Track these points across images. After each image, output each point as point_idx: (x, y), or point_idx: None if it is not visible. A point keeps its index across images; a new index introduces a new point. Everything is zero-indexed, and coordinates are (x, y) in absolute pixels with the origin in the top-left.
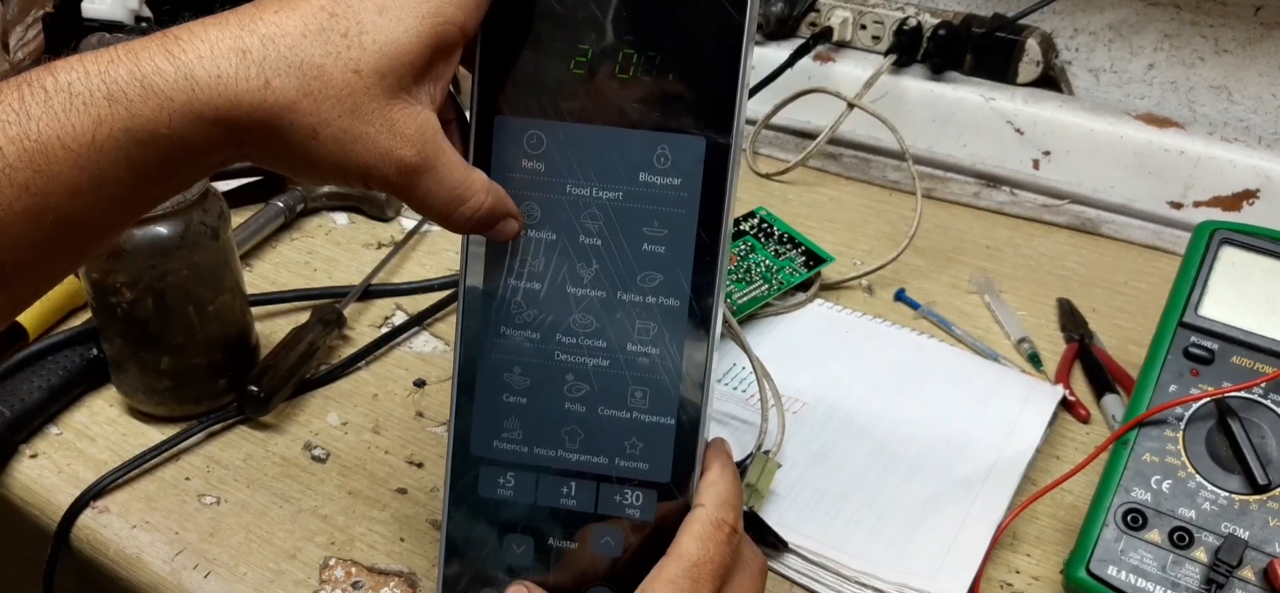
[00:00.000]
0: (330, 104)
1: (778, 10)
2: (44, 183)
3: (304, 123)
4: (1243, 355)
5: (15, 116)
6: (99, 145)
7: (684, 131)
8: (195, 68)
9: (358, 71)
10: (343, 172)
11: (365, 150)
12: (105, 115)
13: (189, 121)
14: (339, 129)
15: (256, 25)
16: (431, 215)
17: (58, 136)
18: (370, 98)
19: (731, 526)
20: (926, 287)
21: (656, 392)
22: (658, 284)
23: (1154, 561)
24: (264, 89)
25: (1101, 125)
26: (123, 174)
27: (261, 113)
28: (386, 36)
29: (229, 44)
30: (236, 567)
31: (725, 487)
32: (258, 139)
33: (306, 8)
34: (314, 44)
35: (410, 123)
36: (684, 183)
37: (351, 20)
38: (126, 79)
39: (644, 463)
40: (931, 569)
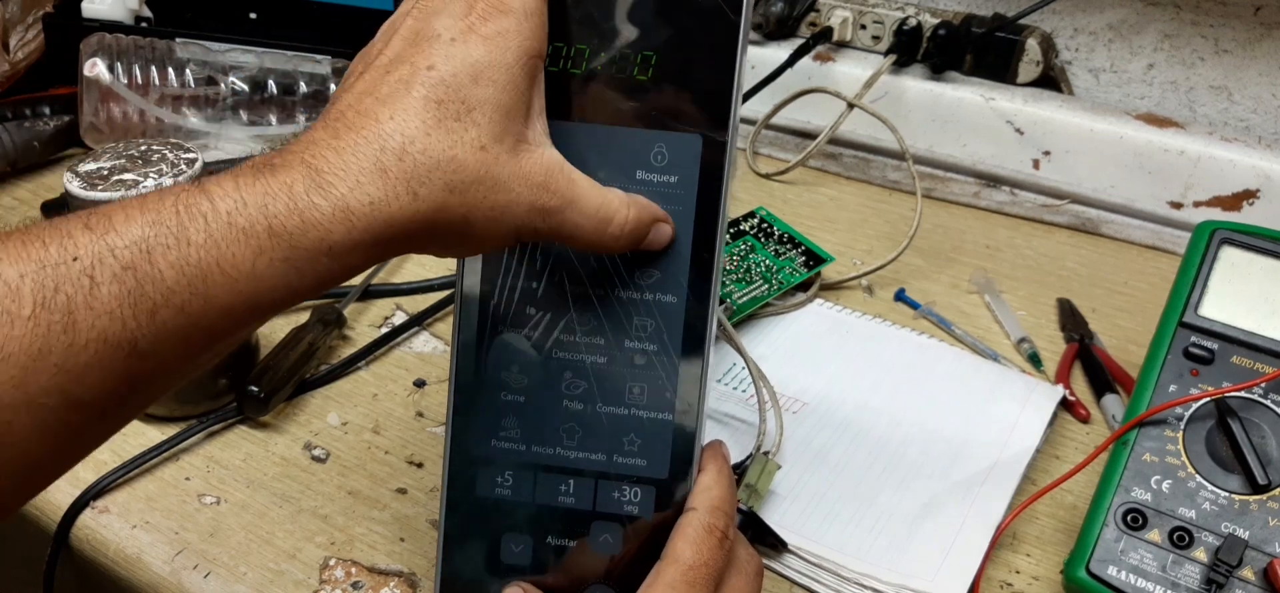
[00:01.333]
0: (473, 190)
1: (778, 10)
2: (200, 305)
3: (455, 216)
4: (1243, 355)
5: (174, 240)
6: (258, 274)
7: (680, 130)
8: (349, 199)
9: (484, 148)
10: (500, 241)
11: (514, 216)
12: (266, 247)
13: (347, 249)
14: (486, 209)
15: (384, 141)
16: (583, 245)
17: (217, 263)
18: (502, 166)
19: (722, 530)
20: (926, 287)
21: (654, 388)
22: (655, 281)
23: (1154, 560)
24: (414, 201)
25: (1101, 125)
26: (278, 296)
27: (416, 223)
28: (492, 102)
29: (369, 166)
30: (236, 567)
31: (719, 491)
32: (416, 244)
33: (411, 102)
34: (440, 139)
35: (540, 170)
36: (680, 181)
37: (457, 102)
38: (285, 213)
39: (642, 459)
40: (931, 570)
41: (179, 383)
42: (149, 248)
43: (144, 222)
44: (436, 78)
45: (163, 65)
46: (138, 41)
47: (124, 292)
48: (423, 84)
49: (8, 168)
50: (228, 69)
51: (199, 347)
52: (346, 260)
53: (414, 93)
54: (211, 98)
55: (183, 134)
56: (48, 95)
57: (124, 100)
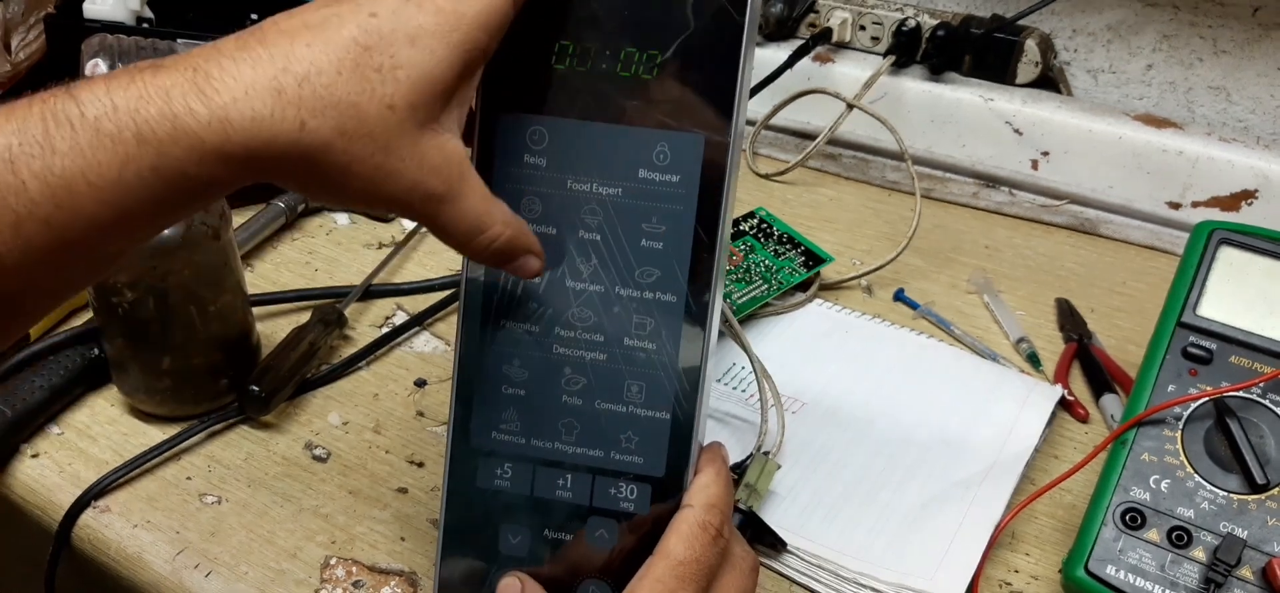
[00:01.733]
0: (363, 142)
1: (777, 11)
2: (66, 217)
3: (337, 161)
4: (1241, 355)
5: (39, 149)
6: (125, 183)
7: (683, 129)
8: (230, 110)
9: (392, 107)
10: (369, 202)
11: (394, 185)
12: (133, 155)
13: (220, 161)
14: (371, 166)
15: (290, 62)
16: (450, 243)
17: (82, 173)
18: (402, 133)
19: (716, 528)
20: (925, 287)
21: (653, 386)
22: (655, 280)
23: (1153, 560)
24: (300, 131)
25: (1100, 126)
26: (145, 208)
27: (295, 152)
28: (419, 69)
29: (265, 84)
30: (237, 566)
31: (716, 490)
32: (287, 174)
33: (338, 39)
34: (349, 81)
35: (438, 154)
36: (683, 180)
37: (385, 54)
38: (157, 118)
39: (639, 457)
40: (930, 569)
41: (55, 303)
42: (12, 157)
43: (9, 130)
44: (372, 26)
45: None
46: (139, 42)
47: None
48: (356, 26)
49: None
50: None
51: (69, 263)
52: (214, 170)
53: (344, 31)
54: None
55: None
56: None
57: None
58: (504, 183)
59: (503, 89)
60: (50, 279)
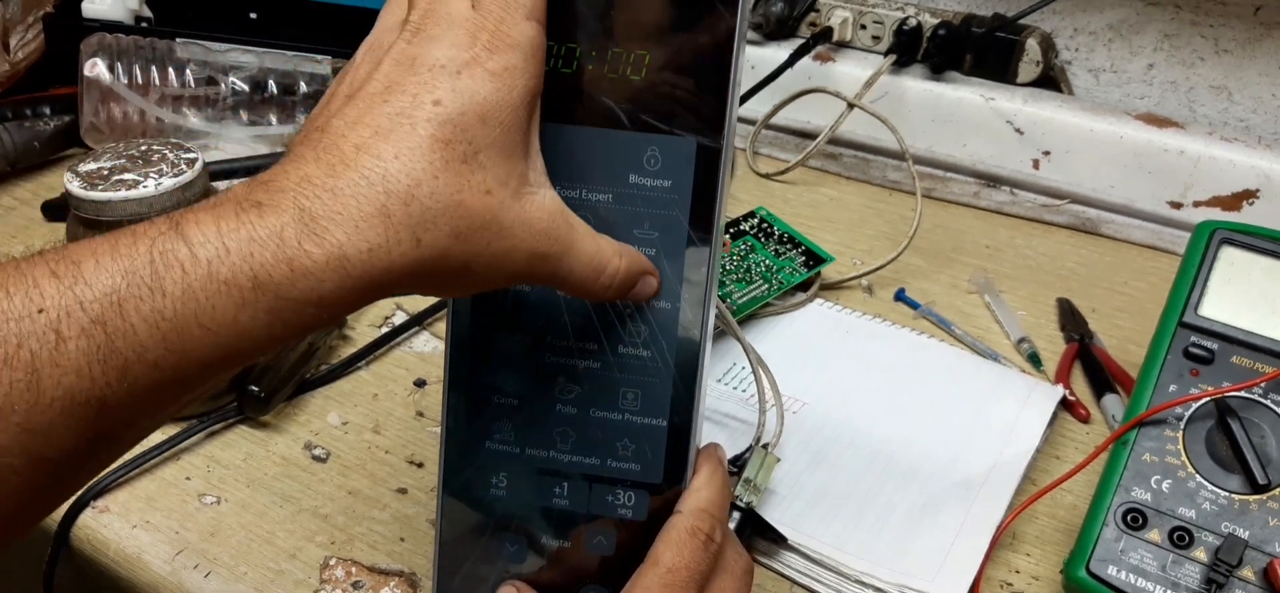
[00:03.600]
0: (478, 235)
1: (778, 10)
2: (175, 360)
3: (456, 263)
4: (1242, 355)
5: (148, 292)
6: (241, 326)
7: (674, 133)
8: (346, 247)
9: (489, 192)
10: (492, 285)
11: (514, 263)
12: (250, 300)
13: (338, 300)
14: (489, 256)
15: (388, 182)
16: (573, 292)
17: (195, 317)
18: (505, 211)
19: (707, 533)
20: (926, 287)
21: (648, 394)
22: None
23: (1154, 560)
24: (417, 249)
25: (1101, 125)
26: (261, 346)
27: (417, 269)
28: (499, 144)
29: (373, 212)
30: (237, 566)
31: (708, 494)
32: (408, 287)
33: (417, 140)
34: (447, 183)
35: (541, 215)
36: (675, 184)
37: (465, 141)
38: (273, 262)
39: (635, 464)
40: (932, 569)
41: (150, 432)
42: (120, 300)
43: (115, 270)
44: (443, 115)
45: (163, 65)
46: (138, 41)
47: (93, 347)
48: (428, 120)
49: (8, 168)
50: (228, 69)
51: (171, 400)
52: (335, 310)
53: (419, 131)
54: (212, 98)
55: (183, 134)
56: (48, 95)
57: (124, 100)
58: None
59: None
60: (154, 415)
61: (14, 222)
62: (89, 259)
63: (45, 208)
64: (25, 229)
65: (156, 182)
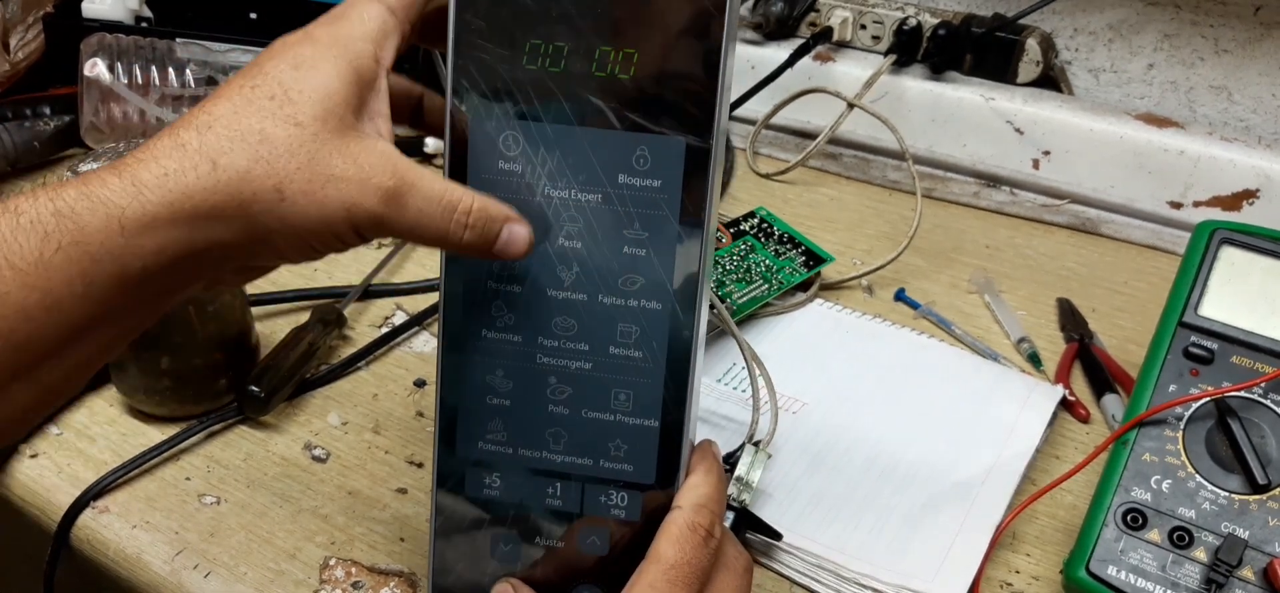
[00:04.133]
0: (284, 159)
1: (778, 10)
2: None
3: (265, 187)
4: (1242, 355)
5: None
6: (47, 261)
7: (663, 132)
8: (139, 171)
9: (299, 124)
10: (327, 221)
11: (338, 191)
12: (52, 230)
13: (142, 227)
14: (303, 181)
15: (190, 120)
16: (429, 234)
17: (5, 257)
18: (321, 143)
19: (707, 529)
20: (926, 287)
21: (639, 394)
22: (639, 287)
23: (1154, 560)
24: (213, 171)
25: (1101, 125)
26: (77, 292)
27: (217, 194)
28: (311, 85)
29: (167, 143)
30: (237, 567)
31: (706, 490)
32: (223, 224)
33: (227, 89)
34: (247, 114)
35: (371, 152)
36: (664, 185)
37: (274, 83)
38: (73, 196)
39: (628, 465)
40: (931, 570)
41: (11, 414)
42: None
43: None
44: (257, 70)
45: (163, 65)
46: (138, 41)
47: None
48: (242, 78)
49: (8, 168)
50: (228, 69)
51: (8, 361)
52: (142, 239)
53: (231, 85)
54: None
55: None
56: (48, 95)
57: (124, 100)
58: (478, 191)
59: (474, 92)
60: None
61: None
62: None
63: None
64: None
65: None
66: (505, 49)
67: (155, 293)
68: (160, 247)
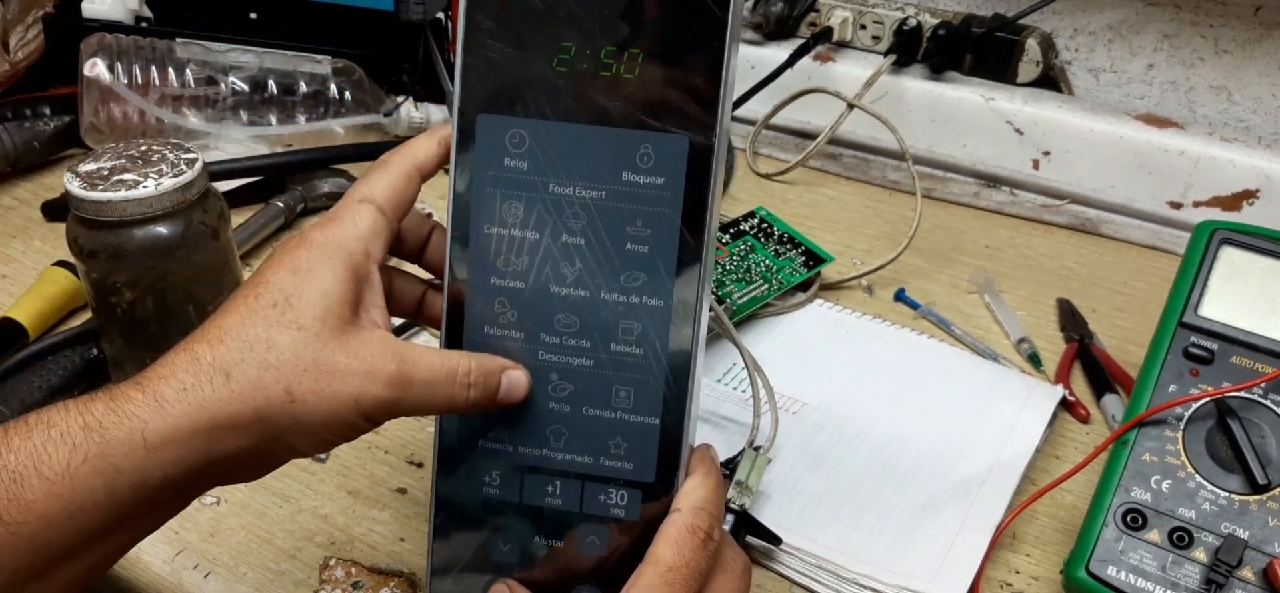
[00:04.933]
0: (291, 364)
1: (778, 10)
2: (18, 513)
3: (276, 392)
4: (1242, 355)
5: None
6: (73, 472)
7: (666, 130)
8: (161, 387)
9: (301, 327)
10: (337, 415)
11: (345, 385)
12: (80, 442)
13: (164, 441)
14: (310, 381)
15: (203, 333)
16: (437, 405)
17: (35, 467)
18: (323, 343)
19: (706, 531)
20: (926, 287)
21: (640, 392)
22: (641, 284)
23: (1154, 560)
24: (227, 383)
25: (1101, 125)
26: (99, 500)
27: (233, 405)
28: (310, 289)
29: (184, 358)
30: (236, 567)
31: (705, 493)
32: (240, 433)
33: (235, 301)
34: (254, 325)
35: (371, 344)
36: (667, 182)
37: (275, 291)
38: (101, 410)
39: (628, 463)
40: (931, 570)
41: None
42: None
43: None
44: (260, 280)
45: (163, 65)
46: (138, 42)
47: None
48: (246, 289)
49: (8, 168)
50: (228, 69)
51: (23, 559)
52: (164, 452)
53: (237, 298)
54: (212, 98)
55: (183, 134)
56: (48, 95)
57: (124, 100)
58: (484, 187)
59: (482, 90)
60: (4, 578)
61: (14, 222)
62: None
63: (45, 208)
64: (25, 229)
65: (156, 182)
66: (513, 47)
67: (173, 498)
68: (180, 458)
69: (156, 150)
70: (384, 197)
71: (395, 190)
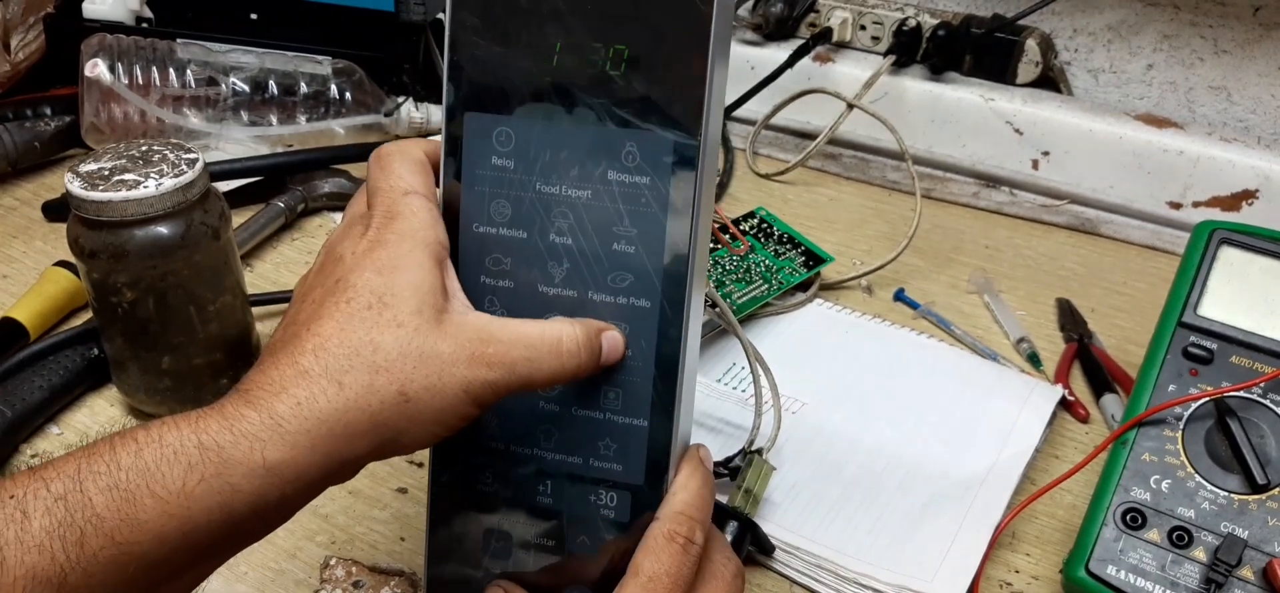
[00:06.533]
0: (398, 363)
1: (777, 11)
2: (130, 531)
3: (389, 393)
4: (1242, 355)
5: (105, 466)
6: (189, 492)
7: (651, 129)
8: (274, 404)
9: (401, 325)
10: (451, 407)
11: (455, 375)
12: (196, 462)
13: (284, 461)
14: (421, 378)
15: (303, 345)
16: (545, 376)
17: (147, 485)
18: (424, 336)
19: (686, 536)
20: (926, 287)
21: (628, 393)
22: (629, 284)
23: (1153, 560)
24: (340, 391)
25: (1100, 126)
26: (216, 521)
27: (349, 412)
28: (401, 285)
29: (291, 372)
30: (237, 566)
31: (687, 496)
32: (358, 438)
33: (324, 310)
34: (354, 330)
35: (468, 329)
36: (653, 181)
37: (367, 292)
38: (216, 429)
39: (617, 465)
40: (931, 570)
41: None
42: (80, 475)
43: (79, 455)
44: (345, 284)
45: (164, 66)
46: (138, 42)
47: (54, 524)
48: (333, 295)
49: (9, 168)
50: (228, 70)
51: (132, 579)
52: (284, 472)
53: (326, 304)
54: (212, 98)
55: (184, 134)
56: (49, 96)
57: (125, 101)
58: (472, 186)
59: (469, 89)
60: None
61: (15, 222)
62: (64, 456)
63: (46, 208)
64: (26, 230)
65: (157, 182)
66: (499, 45)
67: (287, 510)
68: (300, 475)
69: (157, 151)
70: (425, 185)
71: (427, 181)
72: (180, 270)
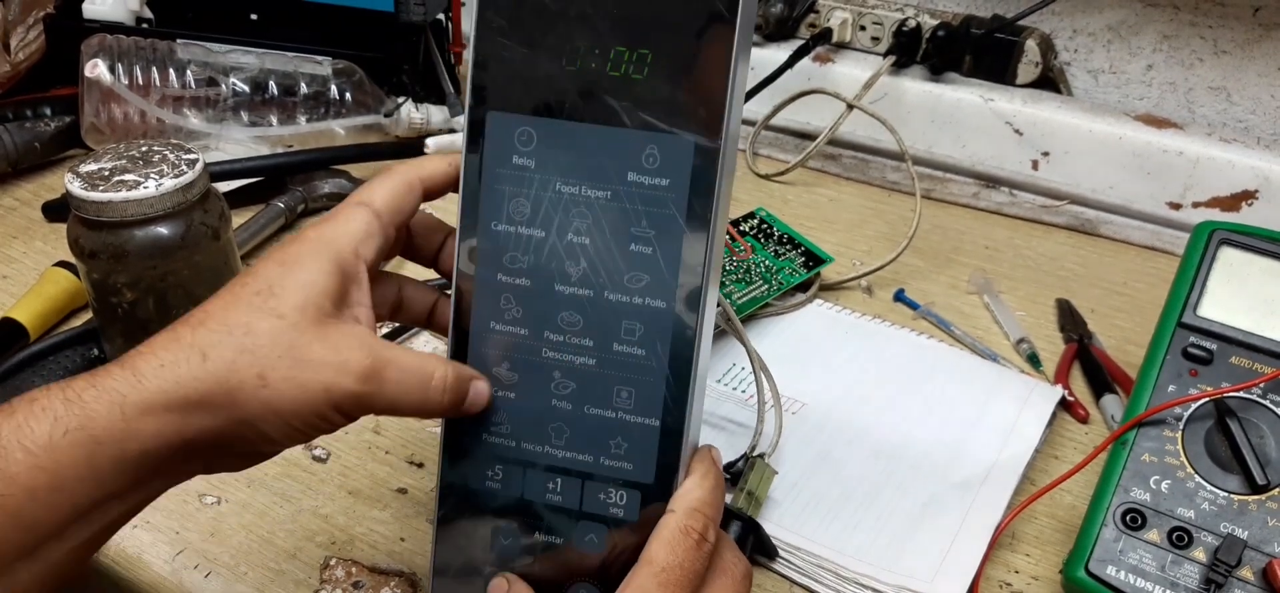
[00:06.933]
0: (266, 349)
1: (777, 11)
2: (3, 484)
3: (249, 376)
4: (1241, 356)
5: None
6: (55, 444)
7: (673, 132)
8: (139, 363)
9: (280, 316)
10: (309, 404)
11: (316, 375)
12: (61, 415)
13: (140, 412)
14: (283, 367)
15: (189, 318)
16: (409, 405)
17: (19, 440)
18: (300, 332)
19: (700, 532)
20: (926, 287)
21: (641, 393)
22: (645, 285)
23: (1153, 560)
24: (203, 362)
25: (1100, 126)
26: (81, 473)
27: (205, 383)
28: (293, 280)
29: (165, 338)
30: (237, 567)
31: (701, 493)
32: (212, 412)
33: (225, 291)
34: (237, 311)
35: (347, 337)
36: (672, 184)
37: (262, 280)
38: (82, 385)
39: (628, 463)
40: (931, 570)
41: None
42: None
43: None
44: (252, 271)
45: (164, 66)
46: (139, 42)
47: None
48: (241, 278)
49: (9, 169)
50: (228, 70)
51: (6, 538)
52: (140, 423)
53: (231, 286)
54: (212, 99)
55: (184, 135)
56: (49, 96)
57: (125, 101)
58: (492, 185)
59: (491, 89)
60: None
61: (15, 222)
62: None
63: (46, 209)
64: (26, 230)
65: (157, 182)
66: (524, 46)
67: (152, 475)
68: (157, 431)
69: (157, 151)
70: (381, 202)
71: (394, 196)
72: (180, 271)
